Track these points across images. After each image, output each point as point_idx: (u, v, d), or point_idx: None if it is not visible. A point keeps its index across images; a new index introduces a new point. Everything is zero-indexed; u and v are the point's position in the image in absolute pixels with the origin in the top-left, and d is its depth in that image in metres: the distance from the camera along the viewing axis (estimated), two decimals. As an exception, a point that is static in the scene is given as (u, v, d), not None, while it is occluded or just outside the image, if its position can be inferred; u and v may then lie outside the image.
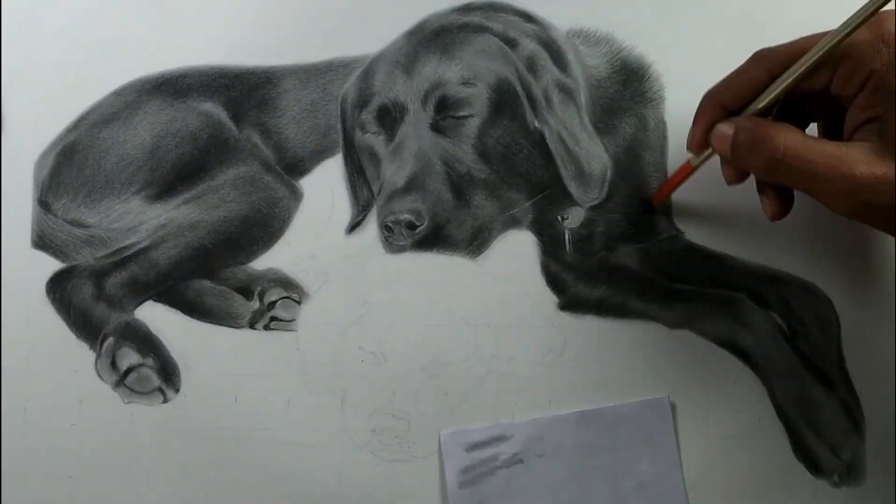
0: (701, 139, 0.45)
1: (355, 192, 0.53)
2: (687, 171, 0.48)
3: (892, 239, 0.52)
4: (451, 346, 0.52)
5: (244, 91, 0.54)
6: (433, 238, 0.52)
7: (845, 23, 0.40)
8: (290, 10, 0.53)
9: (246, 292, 0.53)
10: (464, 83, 0.52)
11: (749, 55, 0.52)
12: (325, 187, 0.53)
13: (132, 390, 0.52)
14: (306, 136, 0.54)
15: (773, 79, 0.42)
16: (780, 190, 0.45)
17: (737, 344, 0.52)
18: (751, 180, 0.47)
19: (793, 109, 0.44)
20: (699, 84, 0.52)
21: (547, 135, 0.52)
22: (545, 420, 0.50)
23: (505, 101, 0.52)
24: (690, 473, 0.51)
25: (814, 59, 0.41)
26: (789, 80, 0.42)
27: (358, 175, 0.53)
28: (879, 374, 0.52)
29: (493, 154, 0.52)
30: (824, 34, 0.41)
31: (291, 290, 0.52)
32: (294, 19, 0.53)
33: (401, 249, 0.52)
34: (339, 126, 0.54)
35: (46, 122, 0.53)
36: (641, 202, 0.52)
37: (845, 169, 0.39)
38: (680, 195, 0.52)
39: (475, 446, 0.50)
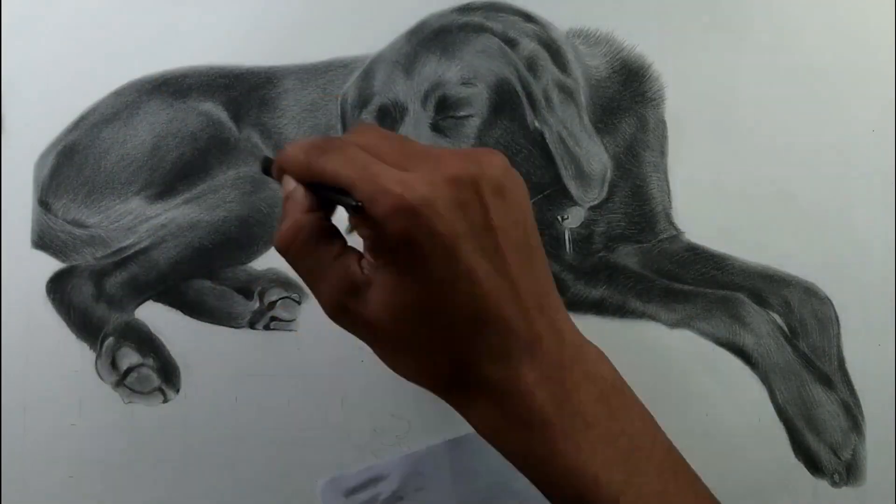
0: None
1: (355, 192, 0.53)
2: None
3: (892, 239, 0.52)
4: (451, 346, 0.52)
5: (244, 91, 0.54)
6: (433, 238, 0.52)
7: None
8: (290, 10, 0.53)
9: (246, 292, 0.53)
10: (464, 83, 0.52)
11: (748, 55, 0.52)
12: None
13: (132, 390, 0.52)
14: (306, 135, 0.54)
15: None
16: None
17: (737, 344, 0.52)
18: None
19: None
20: (699, 84, 0.53)
21: (547, 135, 0.52)
22: (418, 454, 0.50)
23: (505, 101, 0.52)
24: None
25: None
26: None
27: (358, 175, 0.53)
28: (879, 373, 0.52)
29: (493, 154, 0.52)
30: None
31: (291, 289, 0.52)
32: (294, 20, 0.53)
33: (401, 249, 0.52)
34: (339, 126, 0.54)
35: (47, 122, 0.53)
36: None
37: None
38: (680, 195, 0.52)
39: (353, 491, 0.50)
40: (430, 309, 0.36)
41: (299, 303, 0.52)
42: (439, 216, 0.35)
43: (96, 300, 0.52)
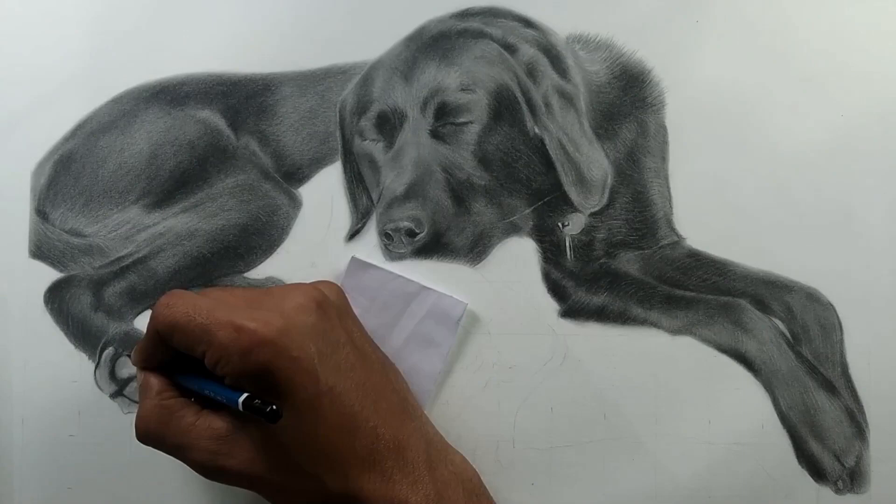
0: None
1: (354, 199, 0.53)
2: None
3: None
4: (452, 354, 0.51)
5: (242, 98, 0.53)
6: (433, 245, 0.52)
7: None
8: (287, 16, 0.53)
9: (245, 301, 0.52)
10: (463, 89, 0.52)
11: (749, 59, 0.52)
12: (324, 195, 0.53)
13: (132, 400, 0.52)
14: (305, 143, 0.54)
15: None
16: None
17: (739, 350, 0.52)
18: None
19: None
20: (700, 89, 0.52)
21: (547, 141, 0.52)
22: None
23: (504, 108, 0.52)
24: (693, 481, 0.51)
25: None
26: None
27: (357, 182, 0.53)
28: (883, 379, 0.51)
29: (493, 160, 0.52)
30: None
31: (291, 298, 0.52)
32: (292, 26, 0.53)
33: (401, 257, 0.52)
34: (337, 133, 0.53)
35: (43, 130, 0.53)
36: None
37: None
38: (681, 201, 0.52)
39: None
40: (301, 435, 0.38)
41: (299, 311, 0.52)
42: (294, 342, 0.37)
43: (95, 310, 0.52)
